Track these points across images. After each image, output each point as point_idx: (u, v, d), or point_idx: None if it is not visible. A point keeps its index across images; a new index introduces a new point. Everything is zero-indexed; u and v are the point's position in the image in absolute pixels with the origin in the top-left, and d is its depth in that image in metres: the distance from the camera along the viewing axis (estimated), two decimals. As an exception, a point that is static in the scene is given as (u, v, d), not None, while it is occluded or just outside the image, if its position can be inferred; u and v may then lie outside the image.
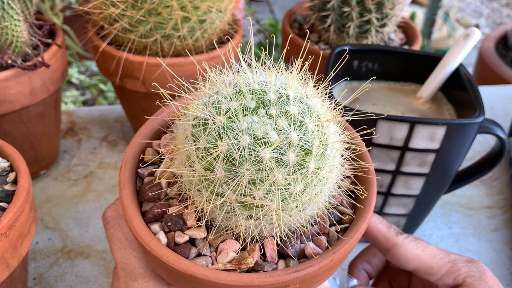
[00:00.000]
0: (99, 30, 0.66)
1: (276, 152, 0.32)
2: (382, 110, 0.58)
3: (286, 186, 0.33)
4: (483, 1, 3.30)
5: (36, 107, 0.64)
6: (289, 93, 0.34)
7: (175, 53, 0.64)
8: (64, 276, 0.59)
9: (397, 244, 0.47)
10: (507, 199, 0.73)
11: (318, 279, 0.38)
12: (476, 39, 0.57)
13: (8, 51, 0.58)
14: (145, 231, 0.37)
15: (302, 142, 0.33)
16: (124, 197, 0.39)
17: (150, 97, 0.66)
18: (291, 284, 0.35)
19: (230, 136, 0.32)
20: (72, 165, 0.75)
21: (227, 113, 0.33)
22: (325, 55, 0.65)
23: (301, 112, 0.34)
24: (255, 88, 0.34)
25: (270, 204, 0.33)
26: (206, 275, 0.34)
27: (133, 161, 0.42)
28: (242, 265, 0.36)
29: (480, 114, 0.50)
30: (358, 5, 0.69)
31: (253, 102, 0.33)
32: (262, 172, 0.32)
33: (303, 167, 0.33)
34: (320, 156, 0.34)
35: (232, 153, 0.32)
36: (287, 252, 0.37)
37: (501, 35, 1.49)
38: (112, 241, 0.43)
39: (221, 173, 0.33)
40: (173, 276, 0.37)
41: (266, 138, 0.32)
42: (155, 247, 0.36)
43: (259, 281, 0.34)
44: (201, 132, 0.33)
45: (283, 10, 0.85)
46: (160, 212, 0.39)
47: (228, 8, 0.65)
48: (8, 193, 0.45)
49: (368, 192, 0.40)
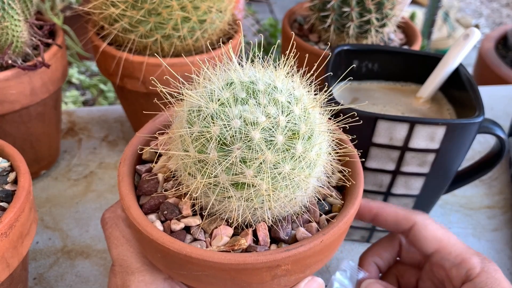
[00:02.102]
0: (99, 30, 0.66)
1: (265, 133, 0.35)
2: (382, 110, 0.58)
3: (275, 165, 0.35)
4: (483, 1, 3.30)
5: (36, 107, 0.64)
6: (277, 84, 0.37)
7: (175, 53, 0.64)
8: (64, 276, 0.59)
9: (418, 222, 0.47)
10: (507, 199, 0.73)
11: (310, 262, 0.39)
12: (476, 39, 0.57)
13: (8, 51, 0.58)
14: (142, 217, 0.38)
15: (290, 124, 0.35)
16: (122, 188, 0.41)
17: (150, 97, 0.66)
18: (283, 264, 0.36)
19: (222, 119, 0.35)
20: (72, 165, 0.75)
21: (219, 101, 0.36)
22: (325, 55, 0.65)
23: (288, 100, 0.36)
24: (245, 80, 0.37)
25: (261, 182, 0.35)
26: (201, 254, 0.35)
27: (131, 158, 0.44)
28: (235, 246, 0.37)
29: (480, 114, 0.50)
30: (358, 5, 0.69)
31: (243, 93, 0.36)
32: (253, 151, 0.34)
33: (291, 148, 0.35)
34: (307, 139, 0.36)
35: (224, 134, 0.35)
36: (279, 235, 0.39)
37: (501, 35, 1.49)
38: (110, 239, 0.44)
39: (214, 154, 0.35)
40: (169, 261, 0.38)
41: (256, 121, 0.34)
42: (152, 231, 0.37)
43: (252, 259, 0.35)
44: (195, 118, 0.36)
45: (283, 10, 0.85)
46: (156, 203, 0.41)
47: (228, 8, 0.66)
48: (8, 193, 0.46)
49: (355, 177, 0.42)
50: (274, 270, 0.37)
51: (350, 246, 0.64)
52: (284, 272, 0.37)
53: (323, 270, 0.61)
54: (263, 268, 0.36)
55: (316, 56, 0.69)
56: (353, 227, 0.62)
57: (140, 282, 0.41)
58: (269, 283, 0.38)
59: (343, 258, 0.62)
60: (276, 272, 0.37)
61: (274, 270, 0.37)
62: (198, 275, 0.38)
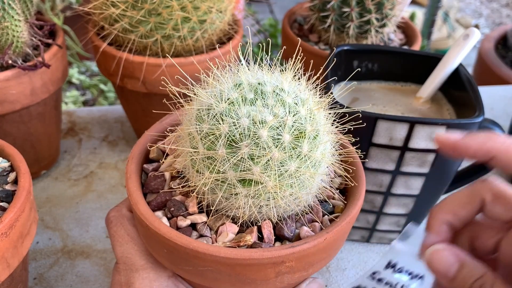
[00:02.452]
0: (99, 31, 0.66)
1: (273, 132, 0.36)
2: (382, 110, 0.58)
3: (282, 162, 0.36)
4: (483, 2, 3.30)
5: (36, 107, 0.64)
6: (283, 86, 0.38)
7: (175, 53, 0.64)
8: (64, 276, 0.59)
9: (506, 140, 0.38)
10: (507, 199, 0.73)
11: (313, 260, 0.39)
12: (475, 39, 0.57)
13: (8, 51, 0.58)
14: (149, 213, 0.39)
15: (297, 124, 0.37)
16: (130, 185, 0.41)
17: (150, 97, 0.66)
18: (287, 260, 0.37)
19: (232, 117, 0.36)
20: (73, 165, 0.75)
21: (229, 100, 0.37)
22: (325, 55, 0.65)
23: (295, 101, 0.38)
24: (253, 82, 0.38)
25: (267, 179, 0.36)
26: (207, 249, 0.36)
27: (139, 157, 0.45)
28: (241, 242, 0.38)
29: (480, 114, 0.51)
30: (358, 6, 0.69)
31: (251, 94, 0.37)
32: (260, 149, 0.36)
33: (297, 146, 0.37)
34: (313, 139, 0.38)
35: (233, 131, 0.36)
36: (283, 233, 0.40)
37: (501, 36, 1.49)
38: (115, 238, 0.44)
39: (222, 151, 0.36)
40: (175, 256, 0.39)
41: (264, 120, 0.36)
42: (159, 225, 0.38)
43: (257, 255, 0.36)
44: (204, 116, 0.37)
45: (283, 11, 0.85)
46: (163, 200, 0.41)
47: (228, 9, 0.66)
48: (8, 193, 0.46)
49: (358, 179, 0.43)
50: (279, 266, 0.37)
51: (350, 246, 0.64)
52: (288, 269, 0.38)
53: (323, 270, 0.61)
54: (268, 264, 0.37)
55: (316, 56, 0.69)
56: (353, 227, 0.62)
57: (144, 279, 0.41)
58: (273, 281, 0.39)
59: (342, 258, 0.62)
60: (280, 269, 0.38)
61: (279, 266, 0.37)
62: (203, 270, 0.38)
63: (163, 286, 0.41)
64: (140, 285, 0.41)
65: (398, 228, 0.61)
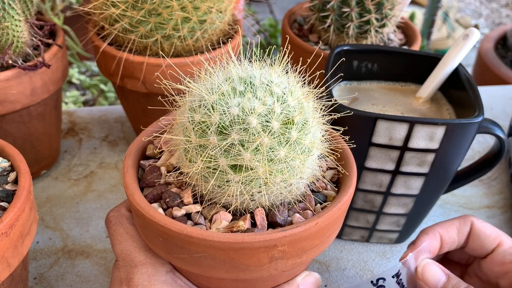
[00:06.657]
0: (99, 31, 0.66)
1: (262, 119, 0.37)
2: (382, 110, 0.59)
3: (271, 148, 0.38)
4: (483, 2, 3.30)
5: (36, 107, 0.64)
6: (272, 78, 0.40)
7: (175, 54, 0.64)
8: (64, 276, 0.59)
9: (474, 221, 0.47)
10: (506, 199, 0.73)
11: (306, 246, 0.40)
12: (475, 39, 0.57)
13: (8, 51, 0.58)
14: (144, 202, 0.41)
15: (285, 111, 0.38)
16: (126, 178, 0.43)
17: (150, 97, 0.66)
18: (280, 244, 0.38)
19: (222, 106, 0.38)
20: (73, 165, 0.75)
21: (219, 92, 0.38)
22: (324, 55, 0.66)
23: (283, 91, 0.39)
24: (243, 75, 0.39)
25: (258, 165, 0.37)
26: (201, 234, 0.38)
27: (136, 153, 0.46)
28: (234, 228, 0.39)
29: (480, 114, 0.51)
30: (357, 6, 0.69)
31: (241, 86, 0.39)
32: (250, 135, 0.37)
33: (286, 133, 0.38)
34: (302, 127, 0.39)
35: (223, 121, 0.37)
36: (276, 219, 0.41)
37: (501, 36, 1.49)
38: (114, 236, 0.45)
39: (213, 139, 0.37)
40: (170, 244, 0.40)
41: (253, 108, 0.37)
42: (154, 214, 0.39)
43: (249, 238, 0.37)
44: (196, 107, 0.39)
45: (283, 11, 0.85)
46: (159, 192, 0.43)
47: (228, 9, 0.66)
48: (8, 192, 0.46)
49: (348, 169, 0.45)
50: (271, 251, 0.38)
51: (350, 246, 0.64)
52: (281, 254, 0.39)
53: (323, 270, 0.61)
54: (260, 248, 0.38)
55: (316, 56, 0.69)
56: (353, 227, 0.62)
57: (143, 274, 0.42)
58: (267, 267, 0.40)
59: (342, 258, 0.63)
60: (273, 254, 0.39)
61: (271, 251, 0.38)
62: (198, 257, 0.39)
63: (161, 280, 0.42)
64: (139, 280, 0.42)
65: (398, 228, 0.61)
